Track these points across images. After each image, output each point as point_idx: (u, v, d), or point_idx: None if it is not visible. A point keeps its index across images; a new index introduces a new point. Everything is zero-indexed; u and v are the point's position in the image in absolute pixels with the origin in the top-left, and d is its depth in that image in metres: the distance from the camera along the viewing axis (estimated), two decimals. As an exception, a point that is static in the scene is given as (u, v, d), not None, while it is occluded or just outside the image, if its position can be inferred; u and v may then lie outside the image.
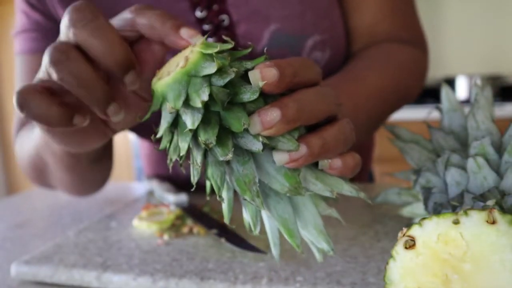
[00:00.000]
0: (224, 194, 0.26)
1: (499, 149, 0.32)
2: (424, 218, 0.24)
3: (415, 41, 0.57)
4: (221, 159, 0.23)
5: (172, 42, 0.29)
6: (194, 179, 0.25)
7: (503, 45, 2.37)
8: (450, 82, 2.19)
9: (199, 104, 0.23)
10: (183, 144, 0.24)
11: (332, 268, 0.33)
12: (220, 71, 0.23)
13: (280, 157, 0.24)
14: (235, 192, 0.26)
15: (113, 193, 0.67)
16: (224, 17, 0.50)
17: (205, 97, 0.23)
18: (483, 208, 0.22)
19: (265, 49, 0.42)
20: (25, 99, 0.28)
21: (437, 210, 0.32)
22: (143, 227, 0.43)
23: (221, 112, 0.23)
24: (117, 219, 0.48)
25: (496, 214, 0.22)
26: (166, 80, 0.24)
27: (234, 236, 0.39)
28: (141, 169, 2.61)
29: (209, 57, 0.24)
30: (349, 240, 0.38)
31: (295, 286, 0.30)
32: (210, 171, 0.25)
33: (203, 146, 0.23)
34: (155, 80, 0.26)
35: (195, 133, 0.24)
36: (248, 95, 0.23)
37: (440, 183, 0.34)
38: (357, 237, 0.39)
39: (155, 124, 0.28)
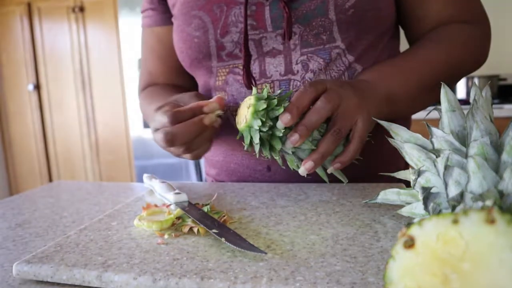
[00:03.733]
0: (290, 165, 0.53)
1: (498, 149, 0.32)
2: (423, 218, 0.24)
3: (476, 21, 0.65)
4: (276, 158, 0.52)
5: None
6: (269, 158, 0.53)
7: (502, 46, 2.37)
8: (450, 83, 2.18)
9: (256, 142, 0.49)
10: (257, 154, 0.51)
11: (331, 268, 0.33)
12: (262, 124, 0.48)
13: (303, 170, 0.50)
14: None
15: (114, 193, 0.67)
16: None
17: (258, 140, 0.49)
18: (482, 208, 0.22)
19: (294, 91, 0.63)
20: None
21: (436, 210, 0.32)
22: (143, 226, 0.43)
23: (269, 141, 0.50)
24: (117, 218, 0.48)
25: (495, 213, 0.22)
26: (240, 126, 0.51)
27: (234, 236, 0.39)
28: (141, 169, 2.61)
29: (256, 116, 0.48)
30: (348, 240, 0.39)
31: (295, 286, 0.30)
32: (274, 158, 0.52)
33: (265, 158, 0.60)
34: (236, 123, 0.53)
35: (260, 150, 0.50)
36: (279, 132, 0.49)
37: (440, 183, 0.34)
38: (356, 237, 0.39)
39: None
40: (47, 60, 3.18)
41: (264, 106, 0.48)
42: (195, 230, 0.42)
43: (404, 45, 0.70)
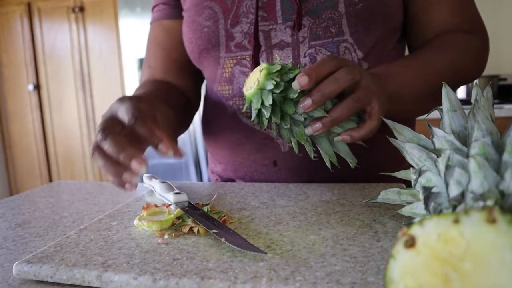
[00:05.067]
0: (293, 142, 0.50)
1: (499, 149, 0.32)
2: (424, 218, 0.24)
3: (476, 32, 0.67)
4: (284, 127, 0.48)
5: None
6: (275, 135, 0.55)
7: (501, 46, 2.37)
8: (450, 83, 2.18)
9: (268, 104, 0.46)
10: (265, 123, 0.48)
11: (331, 268, 0.33)
12: (276, 85, 0.46)
13: (310, 129, 0.47)
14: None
15: (114, 193, 0.67)
16: None
17: (270, 101, 0.46)
18: (483, 208, 0.22)
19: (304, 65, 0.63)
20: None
21: (437, 210, 0.32)
22: (143, 226, 0.43)
23: (281, 105, 0.47)
24: (117, 218, 0.48)
25: (496, 213, 0.22)
26: (250, 92, 0.48)
27: (234, 236, 0.39)
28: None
29: (269, 77, 0.46)
30: (348, 240, 0.38)
31: (295, 286, 0.30)
32: (282, 132, 0.50)
33: (274, 124, 0.49)
34: (244, 90, 0.49)
35: (270, 116, 0.47)
36: (293, 94, 0.46)
37: (441, 182, 0.34)
38: (356, 237, 0.39)
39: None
40: (47, 60, 3.18)
41: (278, 67, 0.46)
42: (195, 230, 0.42)
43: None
